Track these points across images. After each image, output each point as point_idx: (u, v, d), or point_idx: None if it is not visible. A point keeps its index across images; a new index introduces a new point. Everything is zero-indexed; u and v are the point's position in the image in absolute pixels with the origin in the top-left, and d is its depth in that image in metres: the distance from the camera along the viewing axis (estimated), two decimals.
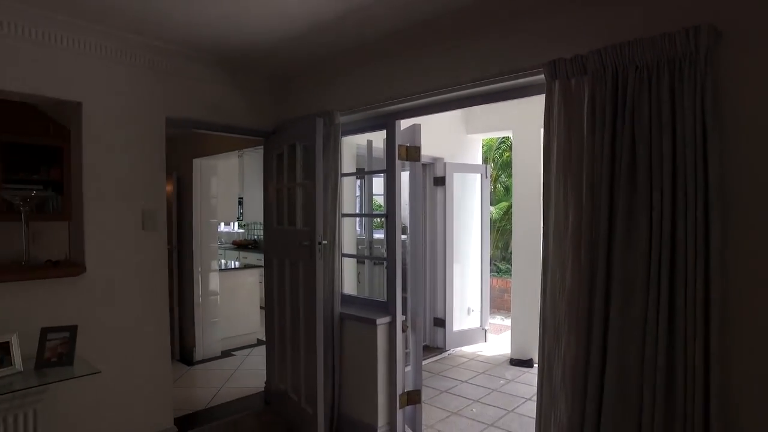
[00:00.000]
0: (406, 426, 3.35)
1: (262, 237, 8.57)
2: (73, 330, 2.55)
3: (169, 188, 4.88)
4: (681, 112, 1.84)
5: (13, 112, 3.95)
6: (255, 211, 7.73)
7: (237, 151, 5.00)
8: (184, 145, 4.99)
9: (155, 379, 3.16)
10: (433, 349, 5.35)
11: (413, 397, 3.34)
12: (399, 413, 3.26)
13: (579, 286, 2.11)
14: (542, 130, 2.28)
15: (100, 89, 2.90)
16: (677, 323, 1.86)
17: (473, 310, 5.61)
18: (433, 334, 5.42)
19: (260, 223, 8.63)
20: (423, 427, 3.44)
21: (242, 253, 8.14)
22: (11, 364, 2.34)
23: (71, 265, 2.85)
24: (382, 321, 3.18)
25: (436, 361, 5.07)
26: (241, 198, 7.68)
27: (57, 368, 2.45)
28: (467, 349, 5.43)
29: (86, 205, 2.86)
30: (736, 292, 1.81)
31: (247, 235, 9.08)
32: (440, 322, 5.37)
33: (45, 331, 2.49)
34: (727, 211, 1.80)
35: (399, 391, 3.25)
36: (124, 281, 2.99)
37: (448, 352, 5.33)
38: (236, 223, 9.30)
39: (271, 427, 3.54)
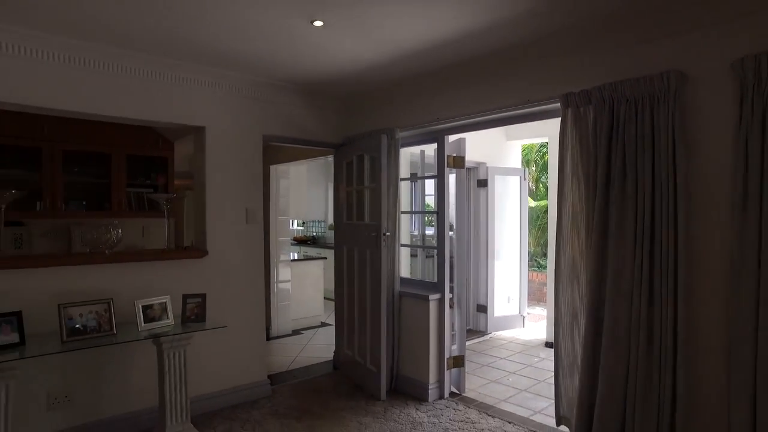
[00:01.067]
0: (451, 385, 4.08)
1: (319, 234, 9.53)
2: (203, 296, 3.45)
3: None
4: (658, 133, 2.50)
5: (133, 131, 4.98)
6: (313, 210, 8.68)
7: (307, 159, 5.89)
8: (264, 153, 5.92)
9: (254, 340, 4.05)
10: (476, 332, 6.04)
11: (458, 361, 4.08)
12: (446, 373, 4.01)
13: (596, 272, 2.80)
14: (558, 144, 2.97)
15: (218, 116, 3.81)
16: (655, 292, 2.51)
17: (512, 299, 6.25)
18: (476, 319, 6.11)
19: (317, 221, 9.59)
20: (466, 388, 4.16)
21: (303, 248, 9.08)
22: (168, 318, 3.26)
23: (197, 250, 3.78)
24: (433, 297, 3.93)
25: (478, 342, 5.75)
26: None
27: (195, 323, 3.35)
28: (506, 333, 6.08)
29: (207, 204, 3.78)
30: (696, 264, 2.45)
31: (306, 231, 10.03)
32: (482, 309, 6.06)
33: (185, 297, 3.40)
34: (690, 209, 2.44)
35: (446, 355, 3.99)
36: (234, 262, 3.89)
37: (490, 335, 6.00)
38: (295, 221, 10.26)
39: (340, 385, 4.35)
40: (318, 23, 2.80)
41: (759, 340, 2.16)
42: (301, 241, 9.42)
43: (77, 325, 2.94)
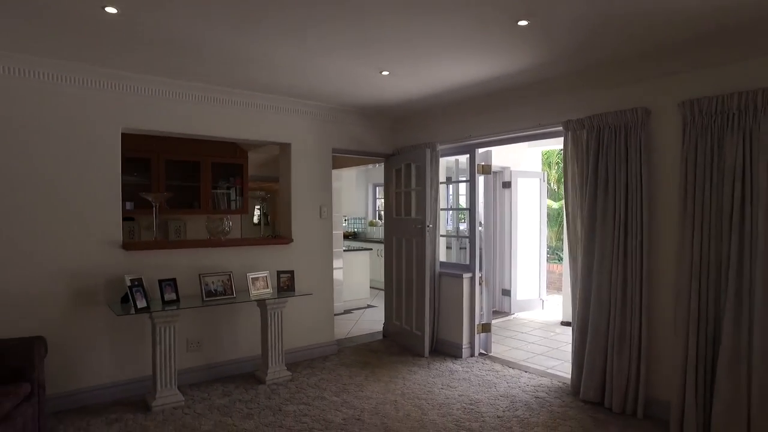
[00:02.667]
0: (480, 347, 5.13)
1: (360, 230, 10.66)
2: (292, 272, 4.60)
3: None
4: (630, 152, 3.50)
5: (216, 143, 6.16)
6: (357, 208, 9.83)
7: (355, 167, 7.01)
8: None
9: (325, 309, 5.19)
10: (500, 312, 7.05)
11: (486, 328, 5.13)
12: (476, 337, 5.06)
13: (585, 257, 3.82)
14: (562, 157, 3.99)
15: (300, 134, 4.96)
16: (628, 269, 3.52)
17: (532, 284, 7.24)
18: (501, 302, 7.13)
19: (359, 218, 10.73)
20: (492, 350, 5.19)
21: (346, 242, 10.22)
22: (268, 288, 4.42)
23: (285, 238, 4.93)
24: (466, 276, 4.99)
25: (503, 321, 6.76)
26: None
27: (287, 292, 4.50)
28: (527, 314, 7.07)
29: (292, 203, 4.93)
30: (657, 248, 3.45)
31: (348, 227, 11.18)
32: (507, 292, 7.08)
33: (279, 272, 4.56)
34: (651, 206, 3.45)
35: (476, 322, 5.05)
36: (311, 247, 5.04)
37: (513, 316, 7.00)
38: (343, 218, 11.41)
39: (391, 347, 5.45)
40: (385, 72, 3.90)
41: (690, 289, 3.15)
42: (344, 236, 10.56)
43: (211, 289, 4.14)
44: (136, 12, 2.72)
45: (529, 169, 7.31)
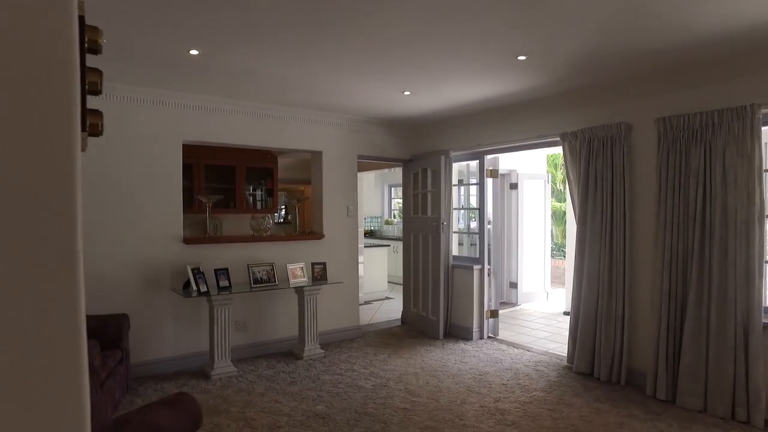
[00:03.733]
0: (489, 331, 5.79)
1: (376, 228, 11.35)
2: (324, 264, 5.30)
3: None
4: (616, 160, 4.15)
5: (250, 149, 6.88)
6: (374, 208, 10.52)
7: (374, 171, 7.69)
8: None
9: (351, 297, 5.88)
10: (508, 303, 7.69)
11: (494, 314, 5.79)
12: (485, 322, 5.72)
13: (579, 249, 4.47)
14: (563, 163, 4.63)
15: (330, 143, 5.66)
16: (614, 257, 4.16)
17: (537, 278, 7.87)
18: (509, 293, 7.77)
19: (376, 217, 11.42)
20: (499, 334, 5.84)
21: (364, 239, 10.91)
22: (304, 277, 5.13)
23: (317, 234, 5.64)
24: (476, 268, 5.65)
25: (510, 310, 7.40)
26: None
27: (320, 281, 5.20)
28: (533, 305, 7.70)
29: (324, 203, 5.63)
30: (638, 239, 4.10)
31: (366, 226, 11.87)
32: (514, 285, 7.72)
33: (313, 264, 5.26)
34: (632, 204, 4.09)
35: (485, 309, 5.71)
36: (339, 242, 5.74)
37: (519, 306, 7.64)
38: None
39: (409, 332, 6.13)
40: (407, 93, 4.59)
41: (663, 273, 3.80)
42: (363, 234, 11.27)
43: (257, 277, 4.85)
44: (212, 53, 3.44)
45: (534, 172, 7.93)
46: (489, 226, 5.91)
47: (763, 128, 3.46)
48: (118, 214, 4.38)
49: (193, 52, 3.39)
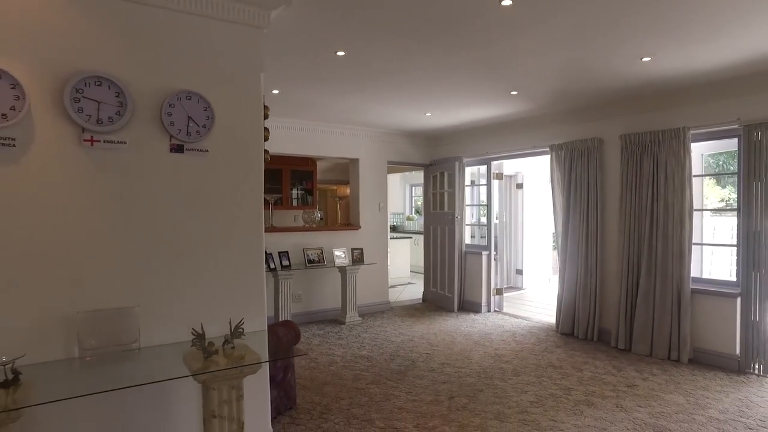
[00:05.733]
0: (495, 306, 7.03)
1: (399, 223, 12.63)
2: (361, 249, 6.62)
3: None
4: (591, 166, 5.36)
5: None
6: (397, 205, 11.79)
7: (399, 173, 8.97)
8: None
9: (382, 278, 7.19)
10: (514, 287, 8.91)
11: (499, 291, 7.03)
12: (492, 298, 6.97)
13: (562, 237, 5.70)
14: (550, 167, 5.87)
15: (365, 151, 6.97)
16: (589, 242, 5.38)
17: (540, 266, 9.06)
18: (515, 279, 8.99)
19: (397, 213, 12.70)
20: (504, 308, 7.08)
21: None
22: (346, 259, 6.45)
23: (354, 225, 6.96)
24: (484, 253, 6.91)
25: (516, 293, 8.61)
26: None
27: (359, 263, 6.52)
28: (536, 289, 8.90)
29: (360, 200, 6.95)
30: (608, 227, 5.31)
31: (390, 221, 13.16)
32: (519, 271, 8.93)
33: (352, 249, 6.59)
34: (603, 201, 5.31)
35: (492, 287, 6.96)
36: (372, 232, 7.05)
37: (524, 290, 8.85)
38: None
39: (429, 307, 7.41)
40: (428, 114, 5.87)
41: (623, 253, 5.01)
42: None
43: (310, 258, 6.20)
44: (288, 91, 4.77)
45: (538, 173, 9.11)
46: (496, 221, 7.14)
47: (692, 144, 4.66)
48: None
49: (275, 91, 4.73)
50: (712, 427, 3.32)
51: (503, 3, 2.78)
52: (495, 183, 6.97)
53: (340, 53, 3.66)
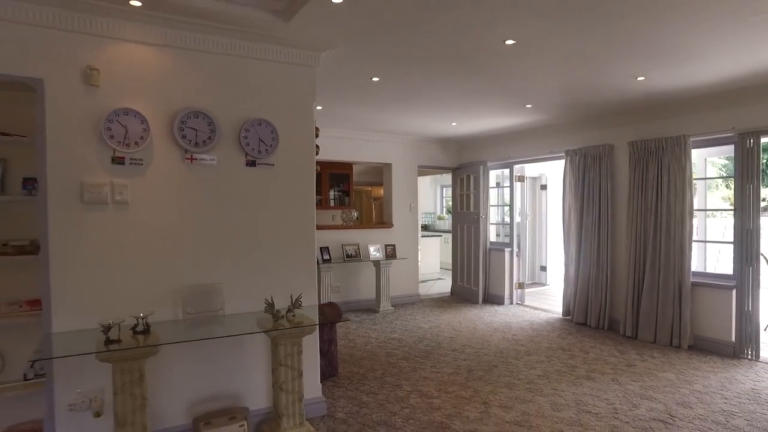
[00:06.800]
0: (517, 299, 7.60)
1: (430, 222, 13.27)
2: (394, 245, 7.32)
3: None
4: (602, 170, 5.89)
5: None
6: (428, 205, 12.43)
7: (429, 176, 9.61)
8: None
9: (413, 272, 7.87)
10: (538, 283, 9.42)
11: (521, 285, 7.60)
12: (514, 291, 7.55)
13: (576, 235, 6.25)
14: (565, 172, 6.42)
15: (397, 156, 7.67)
16: (600, 239, 5.91)
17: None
18: (539, 275, 9.49)
19: (429, 213, 13.35)
20: (525, 301, 7.64)
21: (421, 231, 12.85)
22: (380, 254, 7.17)
23: (387, 224, 7.67)
24: (507, 250, 7.49)
25: (539, 289, 9.12)
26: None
27: (391, 258, 7.23)
28: (558, 285, 9.36)
29: (393, 201, 7.66)
30: (617, 226, 5.83)
31: (422, 220, 13.81)
32: (543, 268, 9.44)
33: (386, 245, 7.30)
34: (613, 202, 5.83)
35: (514, 281, 7.53)
36: (404, 231, 7.74)
37: (548, 286, 9.35)
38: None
39: (455, 300, 8.04)
40: (454, 123, 6.52)
41: (631, 249, 5.52)
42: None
43: (348, 253, 6.95)
44: (332, 110, 5.52)
45: (561, 175, 9.57)
46: (518, 220, 7.71)
47: (700, 150, 5.15)
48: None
49: (319, 107, 5.49)
50: (693, 397, 3.85)
51: (507, 42, 3.42)
52: (517, 185, 7.53)
53: (375, 79, 4.37)
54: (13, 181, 2.80)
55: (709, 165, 6.27)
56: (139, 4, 2.74)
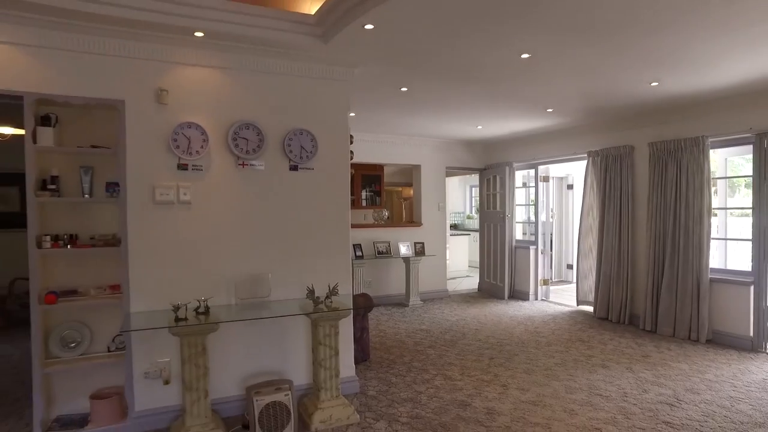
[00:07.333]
0: (541, 295, 7.85)
1: (459, 221, 13.56)
2: (423, 243, 7.70)
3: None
4: (623, 170, 6.11)
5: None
6: (457, 205, 12.73)
7: (457, 177, 9.93)
8: None
9: (441, 269, 8.23)
10: (565, 281, 9.60)
11: (546, 282, 7.85)
12: (539, 288, 7.81)
13: (598, 233, 6.48)
14: (588, 171, 6.65)
15: (426, 158, 8.05)
16: (621, 237, 6.13)
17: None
18: (566, 273, 9.68)
19: (458, 212, 13.64)
20: (550, 297, 7.88)
21: (449, 230, 13.16)
22: (409, 251, 7.56)
23: (417, 222, 8.05)
24: (532, 248, 7.76)
25: (565, 286, 9.30)
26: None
27: (420, 255, 7.61)
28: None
29: (422, 201, 8.04)
30: (637, 224, 6.05)
31: (451, 220, 14.10)
32: (570, 266, 9.61)
33: (415, 243, 7.68)
34: (634, 201, 6.05)
35: (539, 278, 7.79)
36: (433, 230, 8.11)
37: (574, 283, 9.51)
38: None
39: (483, 296, 8.35)
40: (479, 127, 6.85)
41: (650, 247, 5.73)
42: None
43: (379, 250, 7.37)
44: (362, 113, 5.95)
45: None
46: (543, 219, 7.96)
47: (720, 150, 5.33)
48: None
49: (351, 114, 5.93)
50: (702, 384, 4.09)
51: (522, 56, 3.76)
52: (541, 185, 7.79)
53: (404, 89, 4.77)
54: (98, 185, 3.33)
55: (732, 165, 6.39)
56: (201, 35, 3.23)
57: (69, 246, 3.17)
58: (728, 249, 5.79)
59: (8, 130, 5.25)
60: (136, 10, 2.95)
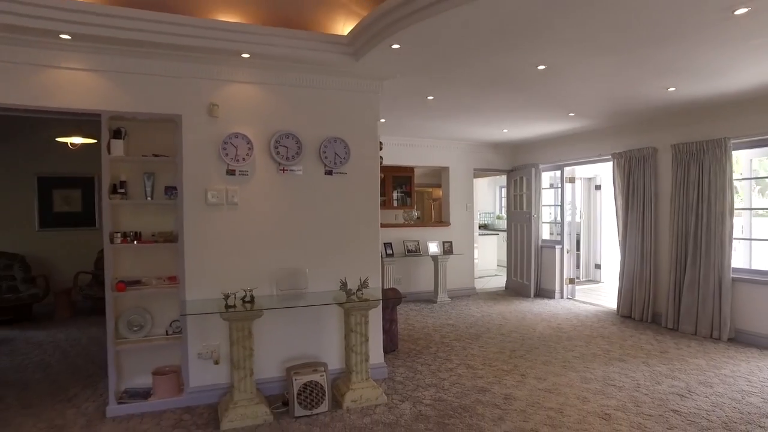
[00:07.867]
0: (567, 293, 8.02)
1: (489, 222, 13.74)
2: (451, 242, 7.99)
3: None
4: (646, 172, 6.25)
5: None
6: (486, 205, 12.93)
7: (486, 178, 10.15)
8: None
9: (469, 267, 8.50)
10: (593, 281, 9.69)
11: (571, 281, 8.01)
12: (565, 287, 7.98)
13: (622, 233, 6.64)
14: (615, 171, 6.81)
15: (454, 160, 8.34)
16: (644, 237, 6.27)
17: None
18: (594, 273, 9.77)
19: (488, 213, 13.83)
20: (576, 296, 8.03)
21: (479, 230, 13.36)
22: (438, 250, 7.87)
23: (445, 222, 8.35)
24: (558, 247, 7.94)
25: (594, 286, 9.41)
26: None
27: (449, 253, 7.90)
28: (612, 282, 9.58)
29: (450, 201, 8.33)
30: (660, 224, 6.18)
31: (480, 220, 14.30)
32: (598, 266, 9.71)
33: (443, 242, 7.98)
34: (657, 202, 6.18)
35: (565, 277, 7.96)
36: (460, 229, 8.39)
37: (602, 283, 9.61)
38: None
39: (509, 294, 8.57)
40: (505, 130, 7.10)
41: (673, 246, 5.86)
42: (478, 227, 13.74)
43: (409, 249, 7.71)
44: (398, 123, 6.31)
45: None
46: (569, 219, 8.12)
47: (742, 151, 5.44)
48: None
49: (382, 120, 6.30)
50: (717, 379, 4.26)
51: (539, 67, 4.04)
52: (567, 186, 7.95)
53: (430, 97, 5.11)
54: (158, 189, 3.81)
55: (763, 165, 6.42)
56: (248, 56, 3.66)
57: (135, 242, 3.66)
58: (753, 249, 5.85)
59: (78, 140, 5.87)
60: (193, 37, 3.39)
